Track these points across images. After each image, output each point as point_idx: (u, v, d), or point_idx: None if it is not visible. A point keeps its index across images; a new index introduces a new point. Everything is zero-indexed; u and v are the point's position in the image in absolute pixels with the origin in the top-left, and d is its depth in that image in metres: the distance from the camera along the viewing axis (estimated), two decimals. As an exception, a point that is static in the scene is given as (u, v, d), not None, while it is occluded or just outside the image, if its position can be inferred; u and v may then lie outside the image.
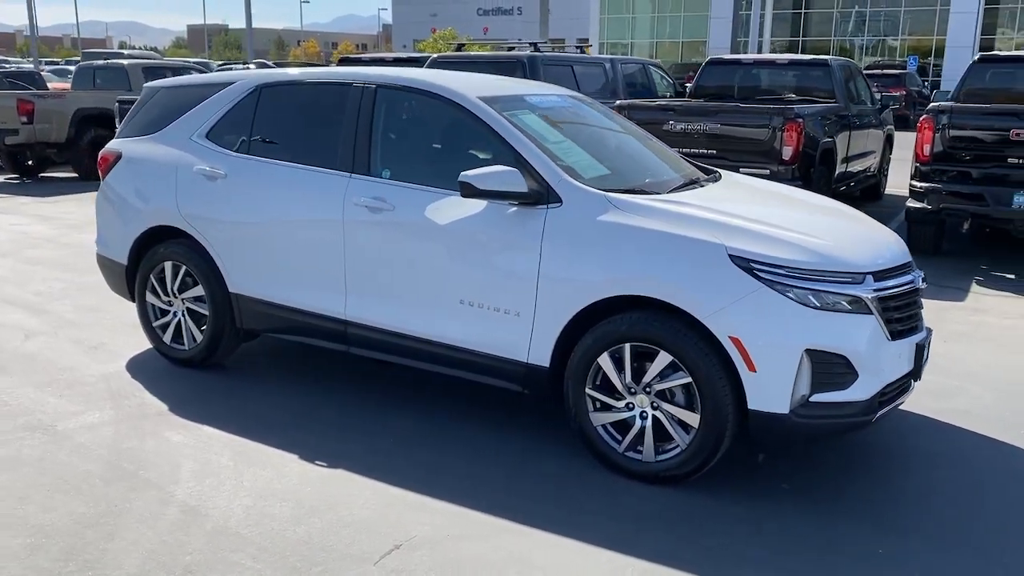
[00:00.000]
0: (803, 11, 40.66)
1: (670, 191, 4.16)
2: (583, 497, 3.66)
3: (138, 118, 5.29)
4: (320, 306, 4.50)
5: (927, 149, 7.87)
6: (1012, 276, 7.79)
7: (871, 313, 3.52)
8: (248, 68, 14.59)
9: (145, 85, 5.44)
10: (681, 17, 43.26)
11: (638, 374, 3.70)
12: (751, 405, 3.48)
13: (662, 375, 3.64)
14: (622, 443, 3.79)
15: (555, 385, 3.95)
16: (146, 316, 5.18)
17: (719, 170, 4.90)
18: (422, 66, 12.21)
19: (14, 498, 3.53)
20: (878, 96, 11.84)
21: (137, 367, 5.10)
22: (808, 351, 3.41)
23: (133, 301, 5.33)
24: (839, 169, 9.57)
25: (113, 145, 5.33)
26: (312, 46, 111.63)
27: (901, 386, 3.76)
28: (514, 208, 3.93)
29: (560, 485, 3.76)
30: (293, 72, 4.93)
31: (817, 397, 3.47)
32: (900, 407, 3.92)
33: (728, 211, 3.82)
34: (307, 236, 4.49)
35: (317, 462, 3.92)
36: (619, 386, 3.75)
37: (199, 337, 4.99)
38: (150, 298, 5.14)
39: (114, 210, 5.26)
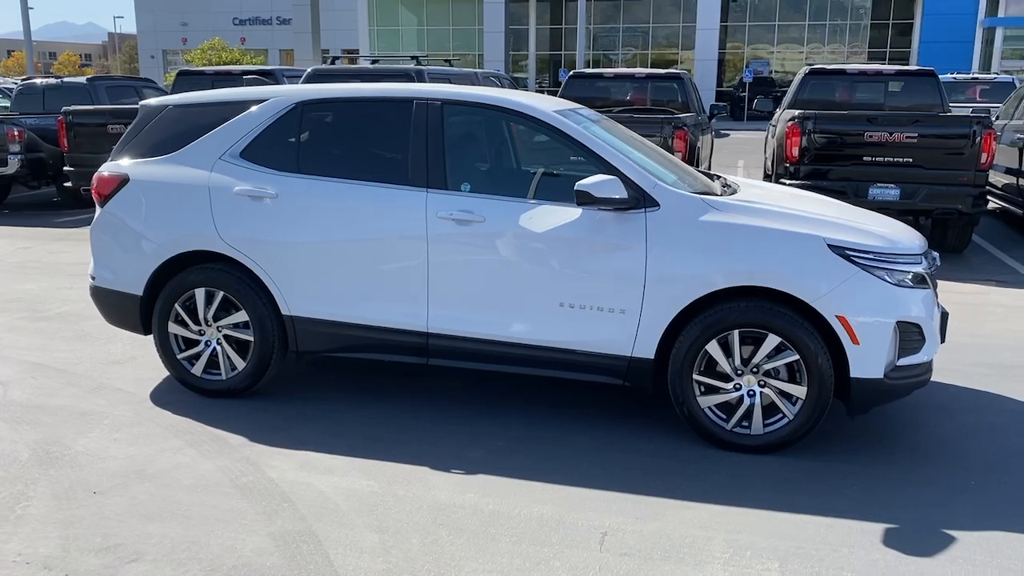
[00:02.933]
0: (562, 26, 43.16)
1: (727, 193, 4.63)
2: (707, 470, 4.04)
3: (141, 138, 4.95)
4: (396, 321, 4.52)
5: (795, 151, 8.99)
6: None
7: (929, 287, 4.21)
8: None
9: (143, 103, 5.09)
10: (450, 30, 44.29)
11: (743, 356, 4.15)
12: (853, 373, 4.04)
13: (770, 356, 4.11)
14: (729, 421, 4.22)
15: (657, 375, 4.31)
16: (168, 348, 4.87)
17: (720, 174, 5.46)
18: (273, 79, 11.92)
19: (188, 543, 3.32)
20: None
21: (167, 401, 4.79)
22: (897, 323, 4.04)
23: (145, 334, 4.99)
24: (700, 171, 10.59)
25: (113, 168, 4.95)
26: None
27: (933, 348, 4.50)
28: (607, 213, 4.23)
29: (683, 463, 4.12)
30: (335, 88, 4.86)
31: (901, 361, 4.11)
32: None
33: (796, 208, 4.37)
34: (382, 252, 4.49)
35: (453, 470, 4.00)
36: (728, 369, 4.17)
37: (240, 365, 4.78)
38: (174, 328, 4.84)
39: (123, 238, 4.89)
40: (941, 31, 31.43)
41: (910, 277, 4.14)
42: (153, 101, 5.06)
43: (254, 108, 4.77)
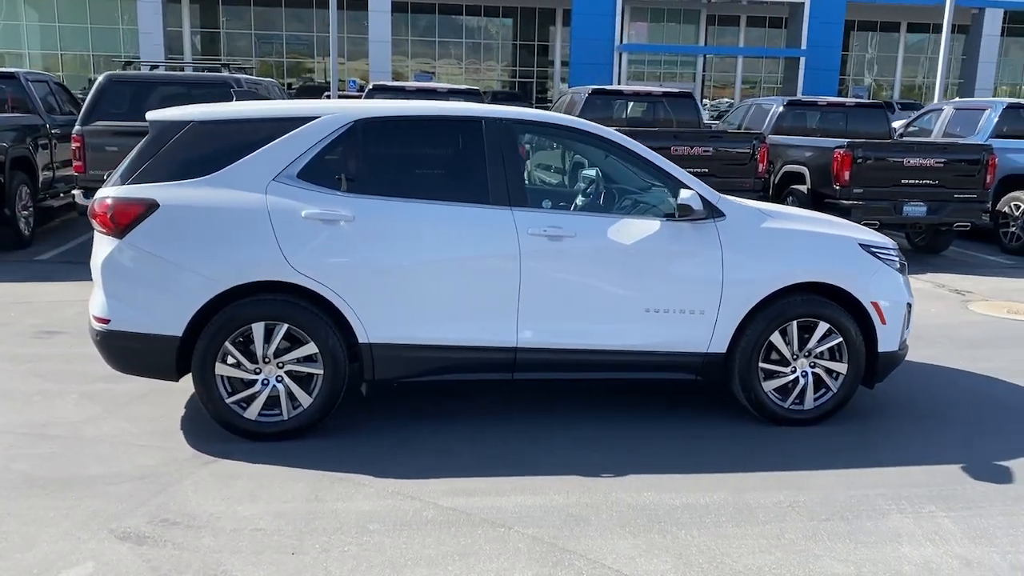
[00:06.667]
0: (220, 31, 41.21)
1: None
2: (781, 443, 4.65)
3: (161, 159, 4.32)
4: (485, 338, 4.52)
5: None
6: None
7: (906, 275, 5.24)
8: None
9: (155, 119, 4.41)
10: (88, 29, 40.00)
11: (797, 343, 4.83)
12: (880, 348, 4.90)
13: (819, 340, 4.83)
14: (787, 400, 4.87)
15: (725, 366, 4.83)
16: (214, 393, 4.33)
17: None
18: (16, 82, 10.38)
19: (468, 582, 3.18)
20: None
21: (224, 451, 4.25)
22: (907, 304, 4.99)
23: (175, 380, 4.40)
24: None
25: (132, 193, 4.26)
26: None
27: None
28: (684, 224, 4.67)
29: (756, 440, 4.69)
30: (393, 106, 4.66)
31: (903, 336, 5.07)
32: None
33: (809, 216, 5.16)
34: (472, 271, 4.47)
35: (604, 475, 4.17)
36: (787, 355, 4.82)
37: (307, 402, 4.42)
38: (223, 370, 4.33)
39: (155, 273, 4.25)
40: (587, 54, 35.30)
41: (899, 267, 5.12)
42: (168, 116, 4.44)
43: (306, 126, 4.42)
